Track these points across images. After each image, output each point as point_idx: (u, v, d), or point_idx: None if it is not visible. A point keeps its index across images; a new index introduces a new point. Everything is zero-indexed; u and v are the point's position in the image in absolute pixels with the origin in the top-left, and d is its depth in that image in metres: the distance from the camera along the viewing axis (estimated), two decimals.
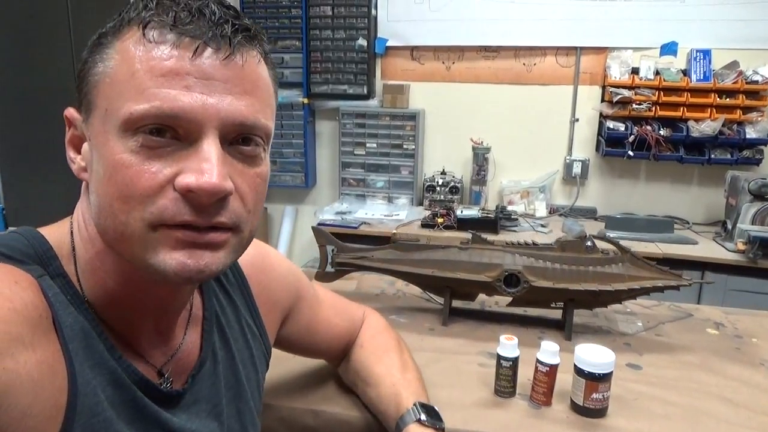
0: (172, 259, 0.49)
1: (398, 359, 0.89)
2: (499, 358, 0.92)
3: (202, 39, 0.48)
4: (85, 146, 0.53)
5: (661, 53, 2.72)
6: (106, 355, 0.52)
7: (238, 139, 0.51)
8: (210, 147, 0.49)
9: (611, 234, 2.44)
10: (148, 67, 0.48)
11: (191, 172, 0.48)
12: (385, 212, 2.83)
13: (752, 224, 2.30)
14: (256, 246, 0.79)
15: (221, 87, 0.49)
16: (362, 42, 2.98)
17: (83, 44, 0.53)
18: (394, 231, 2.54)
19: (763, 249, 2.19)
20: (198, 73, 0.48)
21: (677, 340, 1.17)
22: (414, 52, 3.02)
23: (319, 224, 2.63)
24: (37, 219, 0.60)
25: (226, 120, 0.49)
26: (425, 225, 2.58)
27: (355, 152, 3.07)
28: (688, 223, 2.77)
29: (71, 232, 0.55)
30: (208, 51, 0.48)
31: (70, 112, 0.54)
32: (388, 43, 3.00)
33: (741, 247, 2.26)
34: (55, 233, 0.55)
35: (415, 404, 0.79)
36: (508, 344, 0.91)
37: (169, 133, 0.48)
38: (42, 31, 2.28)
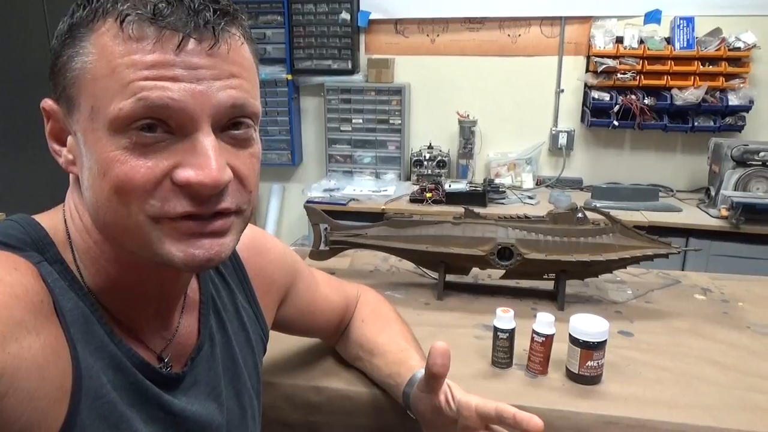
0: (179, 251, 0.49)
1: (400, 329, 0.91)
2: (496, 330, 0.94)
3: (185, 31, 0.47)
4: (71, 139, 0.52)
5: (645, 21, 2.72)
6: (107, 339, 0.53)
7: (229, 124, 0.51)
8: (206, 140, 0.48)
9: (597, 204, 2.47)
10: (130, 62, 0.46)
11: (189, 167, 0.48)
12: (373, 188, 2.83)
13: (735, 190, 2.35)
14: (251, 229, 0.79)
15: (208, 74, 0.48)
16: (345, 15, 2.93)
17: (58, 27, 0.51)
18: (383, 207, 2.54)
19: (746, 214, 2.23)
20: (183, 63, 0.47)
21: (666, 306, 1.20)
22: (398, 25, 2.99)
23: (307, 202, 2.63)
24: (21, 203, 0.60)
25: (217, 106, 0.48)
26: (414, 200, 2.59)
27: (341, 128, 3.05)
28: (672, 190, 2.81)
29: (65, 221, 0.55)
30: (192, 42, 0.47)
31: (48, 103, 0.52)
32: (372, 16, 2.96)
33: (724, 213, 2.30)
34: (49, 220, 0.55)
35: None
36: (504, 316, 0.93)
37: (161, 128, 0.47)
38: (16, 14, 2.21)
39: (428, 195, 2.56)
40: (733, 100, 2.62)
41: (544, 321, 0.91)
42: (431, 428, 0.75)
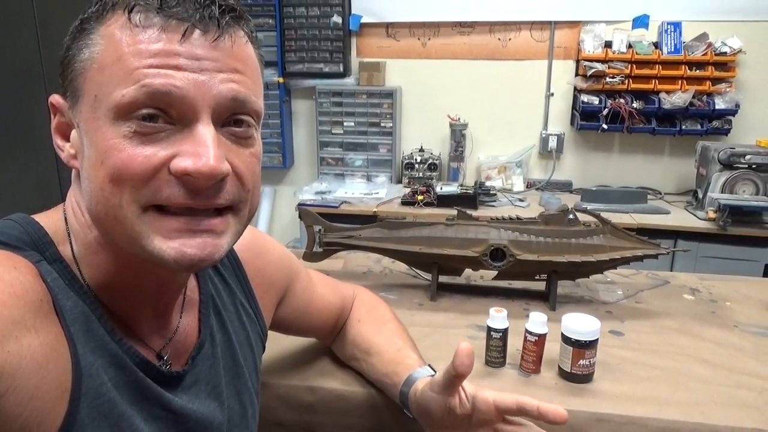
0: (169, 248, 0.49)
1: (397, 328, 0.92)
2: (489, 329, 0.95)
3: (190, 21, 0.48)
4: (74, 133, 0.52)
5: (634, 26, 2.76)
6: (107, 337, 0.53)
7: (229, 120, 0.52)
8: (205, 129, 0.49)
9: (587, 206, 2.49)
10: (136, 50, 0.47)
11: (187, 156, 0.48)
12: (364, 191, 2.84)
13: (722, 193, 2.38)
14: (250, 230, 0.80)
15: (212, 66, 0.49)
16: (337, 19, 2.94)
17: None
18: (375, 209, 2.55)
19: (733, 216, 2.27)
20: (187, 54, 0.48)
21: (656, 306, 1.22)
22: (389, 28, 3.01)
23: (299, 204, 2.63)
24: (12, 205, 0.60)
25: (218, 97, 0.49)
26: (405, 202, 2.60)
27: (332, 131, 3.05)
28: (661, 193, 2.84)
29: (65, 219, 0.55)
30: (197, 33, 0.49)
31: (56, 98, 0.53)
32: (363, 20, 2.97)
33: (711, 215, 2.33)
34: (49, 220, 0.55)
35: (429, 365, 0.81)
36: (497, 316, 0.94)
37: (162, 118, 0.48)
38: (4, 16, 2.20)
39: (420, 197, 2.58)
40: (720, 103, 2.66)
41: (537, 320, 0.92)
42: (438, 428, 0.74)
